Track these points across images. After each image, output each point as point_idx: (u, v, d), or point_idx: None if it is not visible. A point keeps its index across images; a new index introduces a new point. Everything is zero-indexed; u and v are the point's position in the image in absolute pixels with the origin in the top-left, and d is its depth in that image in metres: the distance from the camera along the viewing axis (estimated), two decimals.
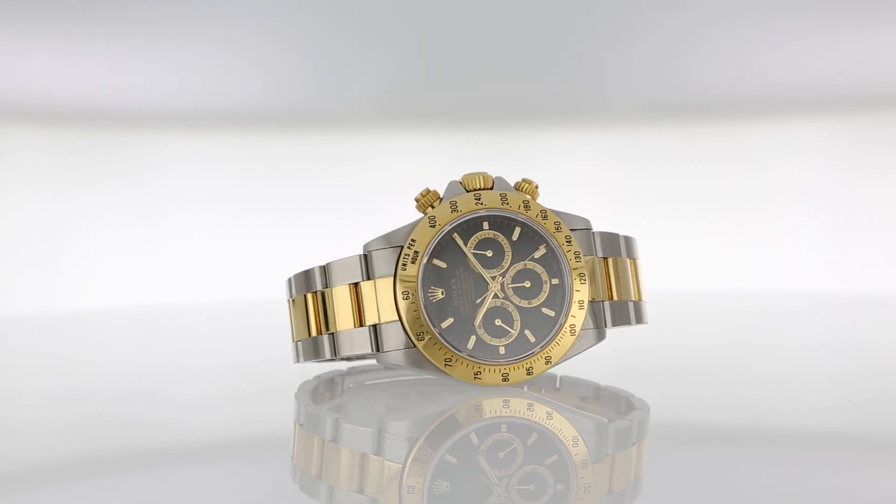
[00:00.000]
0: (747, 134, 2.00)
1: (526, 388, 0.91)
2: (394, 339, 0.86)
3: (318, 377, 0.97)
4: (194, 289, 1.94)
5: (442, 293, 0.86)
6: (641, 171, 1.99)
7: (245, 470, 0.77)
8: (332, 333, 0.87)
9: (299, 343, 0.91)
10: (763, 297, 1.72)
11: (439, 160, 2.02)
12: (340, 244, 1.95)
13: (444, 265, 0.87)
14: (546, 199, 0.95)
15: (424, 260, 0.86)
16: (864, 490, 0.68)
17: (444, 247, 0.87)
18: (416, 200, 0.90)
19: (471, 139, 2.03)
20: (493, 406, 0.86)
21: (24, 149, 1.95)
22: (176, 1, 1.93)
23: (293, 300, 0.91)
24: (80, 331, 1.52)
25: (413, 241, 0.87)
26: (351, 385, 0.97)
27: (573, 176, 1.99)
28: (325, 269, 0.89)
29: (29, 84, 1.94)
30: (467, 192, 0.89)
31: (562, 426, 0.82)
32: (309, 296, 0.89)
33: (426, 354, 0.86)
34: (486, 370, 0.86)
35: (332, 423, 0.82)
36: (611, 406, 0.89)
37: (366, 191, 2.01)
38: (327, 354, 0.88)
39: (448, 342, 0.86)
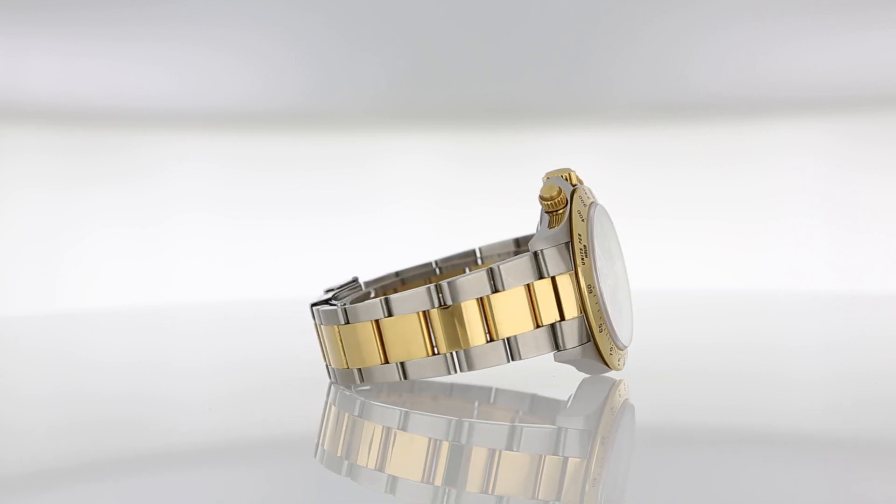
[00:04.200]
0: (747, 134, 2.00)
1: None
2: (575, 335, 0.85)
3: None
4: (194, 289, 1.94)
5: None
6: (641, 171, 1.99)
7: (248, 470, 0.77)
8: (508, 339, 0.84)
9: (459, 352, 0.85)
10: (763, 297, 1.72)
11: (439, 160, 2.02)
12: (342, 244, 1.95)
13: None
14: None
15: (593, 253, 0.86)
16: (863, 490, 0.68)
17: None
18: (550, 199, 0.87)
19: (471, 139, 2.03)
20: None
21: (24, 149, 1.95)
22: (176, 1, 1.93)
23: (424, 312, 0.85)
24: (81, 331, 1.52)
25: (580, 235, 0.86)
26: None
27: None
28: (493, 272, 0.84)
29: (29, 84, 1.95)
30: (572, 185, 0.90)
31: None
32: (472, 302, 0.84)
33: (600, 346, 0.86)
34: (620, 357, 0.89)
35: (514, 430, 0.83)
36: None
37: (366, 190, 2.01)
38: (506, 360, 0.85)
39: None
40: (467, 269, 1.07)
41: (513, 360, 0.85)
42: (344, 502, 0.70)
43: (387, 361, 0.86)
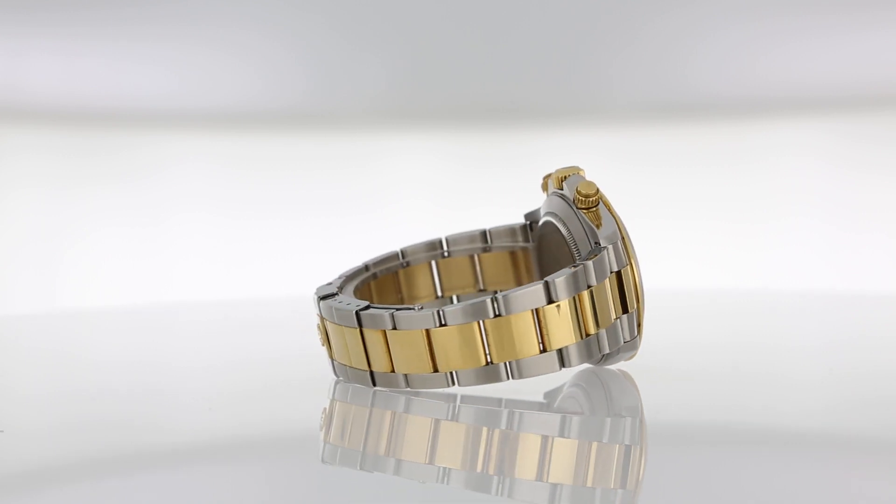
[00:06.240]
0: (747, 134, 2.00)
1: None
2: (628, 326, 0.88)
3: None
4: (194, 289, 1.94)
5: None
6: (641, 171, 1.99)
7: (250, 469, 0.77)
8: (598, 335, 0.85)
9: (564, 350, 0.85)
10: (763, 297, 1.72)
11: (439, 160, 2.02)
12: (342, 244, 1.95)
13: None
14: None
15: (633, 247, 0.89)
16: (864, 490, 0.68)
17: None
18: (587, 196, 0.89)
19: (471, 139, 2.03)
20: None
21: (24, 149, 1.95)
22: (176, 1, 1.93)
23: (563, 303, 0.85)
24: (81, 330, 1.52)
25: (625, 230, 0.88)
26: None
27: None
28: (587, 269, 0.85)
29: (30, 84, 1.95)
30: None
31: None
32: (568, 301, 0.85)
33: (640, 336, 0.89)
34: None
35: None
36: None
37: (366, 190, 2.01)
38: (607, 349, 0.86)
39: None
40: (399, 272, 1.06)
41: (599, 353, 0.86)
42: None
43: (491, 362, 0.85)
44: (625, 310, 0.87)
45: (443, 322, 0.84)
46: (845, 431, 0.82)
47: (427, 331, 0.85)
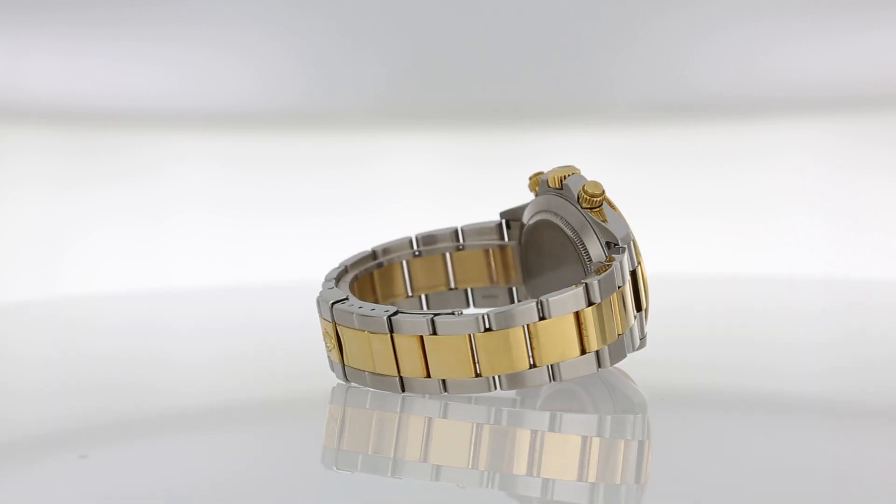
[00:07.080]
0: (747, 134, 2.00)
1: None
2: (640, 326, 0.88)
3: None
4: (194, 288, 1.94)
5: None
6: (641, 171, 1.99)
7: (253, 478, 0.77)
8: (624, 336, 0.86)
9: (603, 350, 0.85)
10: (761, 296, 1.72)
11: (439, 160, 2.02)
12: (342, 244, 1.95)
13: None
14: None
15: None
16: (858, 458, 0.68)
17: None
18: (596, 196, 0.89)
19: (471, 139, 2.03)
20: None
21: (24, 149, 1.95)
22: (176, 1, 1.93)
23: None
24: (79, 327, 1.52)
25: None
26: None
27: None
28: (611, 274, 0.84)
29: (29, 84, 1.95)
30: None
31: None
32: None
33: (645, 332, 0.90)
34: None
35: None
36: None
37: (366, 190, 2.01)
38: (632, 349, 0.87)
39: None
40: (374, 273, 1.05)
41: (625, 353, 0.87)
42: None
43: (534, 365, 0.84)
44: (638, 308, 0.87)
45: (488, 326, 0.83)
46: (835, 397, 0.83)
47: (470, 335, 0.84)
